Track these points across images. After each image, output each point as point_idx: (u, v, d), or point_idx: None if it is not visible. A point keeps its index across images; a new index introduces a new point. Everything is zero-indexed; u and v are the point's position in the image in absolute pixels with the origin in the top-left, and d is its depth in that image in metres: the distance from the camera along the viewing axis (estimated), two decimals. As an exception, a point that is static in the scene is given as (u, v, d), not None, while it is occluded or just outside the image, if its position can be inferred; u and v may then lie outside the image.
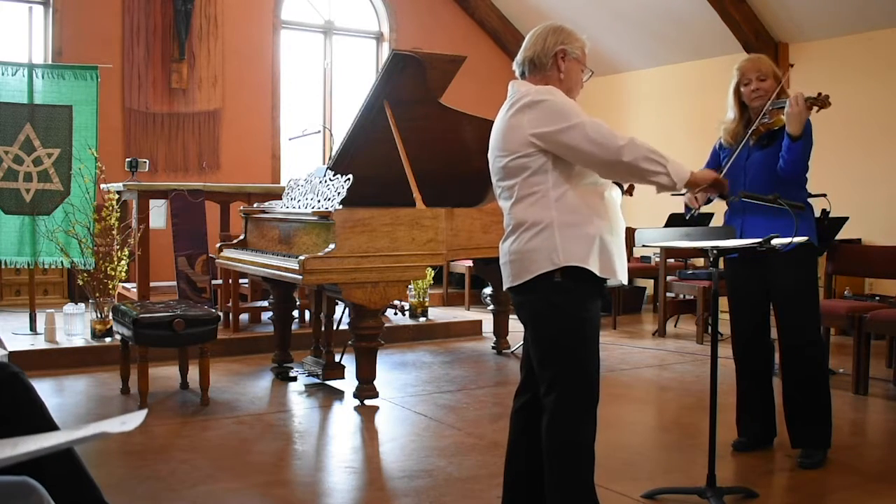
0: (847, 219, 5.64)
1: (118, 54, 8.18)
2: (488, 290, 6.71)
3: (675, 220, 7.20)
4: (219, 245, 5.61)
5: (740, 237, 3.55)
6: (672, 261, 7.68)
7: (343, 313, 5.40)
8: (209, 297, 6.35)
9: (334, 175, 4.84)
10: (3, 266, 6.47)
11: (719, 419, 3.27)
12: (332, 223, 4.51)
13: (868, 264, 5.60)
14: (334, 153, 5.32)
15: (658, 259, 7.61)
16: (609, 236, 2.62)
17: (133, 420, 1.27)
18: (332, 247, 4.48)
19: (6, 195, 5.93)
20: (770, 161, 3.67)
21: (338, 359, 5.09)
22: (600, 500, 2.69)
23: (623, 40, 9.02)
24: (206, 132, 8.64)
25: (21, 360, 5.25)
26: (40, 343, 5.69)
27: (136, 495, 3.24)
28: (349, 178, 4.67)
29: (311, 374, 5.14)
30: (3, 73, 5.91)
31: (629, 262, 7.53)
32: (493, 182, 2.75)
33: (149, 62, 8.34)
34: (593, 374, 2.64)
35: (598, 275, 2.59)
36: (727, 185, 2.96)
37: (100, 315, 5.76)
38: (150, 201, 6.49)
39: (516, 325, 2.99)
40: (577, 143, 2.53)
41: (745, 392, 3.91)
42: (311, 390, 5.04)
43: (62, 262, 6.03)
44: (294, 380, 5.25)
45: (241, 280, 6.40)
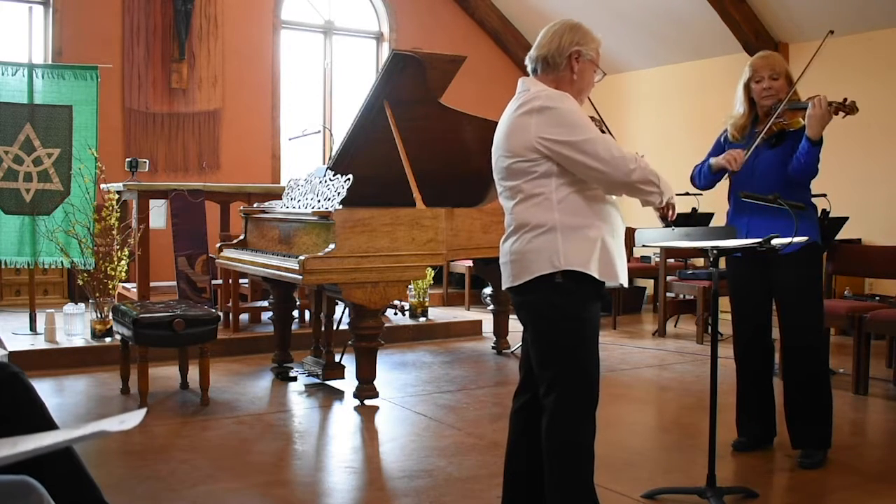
0: (847, 219, 5.63)
1: (118, 54, 8.18)
2: (488, 290, 6.71)
3: (675, 220, 7.18)
4: (219, 245, 5.61)
5: (746, 237, 3.54)
6: (672, 261, 7.68)
7: (343, 313, 5.40)
8: (209, 297, 6.35)
9: (334, 175, 4.84)
10: (3, 266, 6.47)
11: (719, 419, 3.27)
12: (332, 223, 4.51)
13: (868, 264, 5.60)
14: (334, 153, 5.32)
15: (658, 259, 7.61)
16: (611, 239, 2.62)
17: (132, 419, 1.27)
18: (332, 247, 4.48)
19: (6, 195, 5.93)
20: (780, 161, 3.65)
21: (338, 359, 5.09)
22: (600, 500, 2.69)
23: (623, 40, 9.02)
24: (206, 132, 8.64)
25: (21, 360, 5.25)
26: (40, 343, 5.69)
27: (136, 495, 3.24)
28: (349, 178, 4.67)
29: (311, 374, 5.14)
30: (3, 73, 5.91)
31: (629, 262, 7.53)
32: (496, 180, 2.74)
33: (149, 62, 8.34)
34: (593, 374, 2.64)
35: (599, 278, 2.59)
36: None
37: (100, 315, 5.76)
38: (150, 201, 6.49)
39: (516, 325, 2.99)
40: (585, 159, 2.52)
41: (745, 392, 3.90)
42: (311, 390, 5.04)
43: (62, 262, 6.03)
44: (294, 380, 5.25)
45: (241, 280, 6.40)
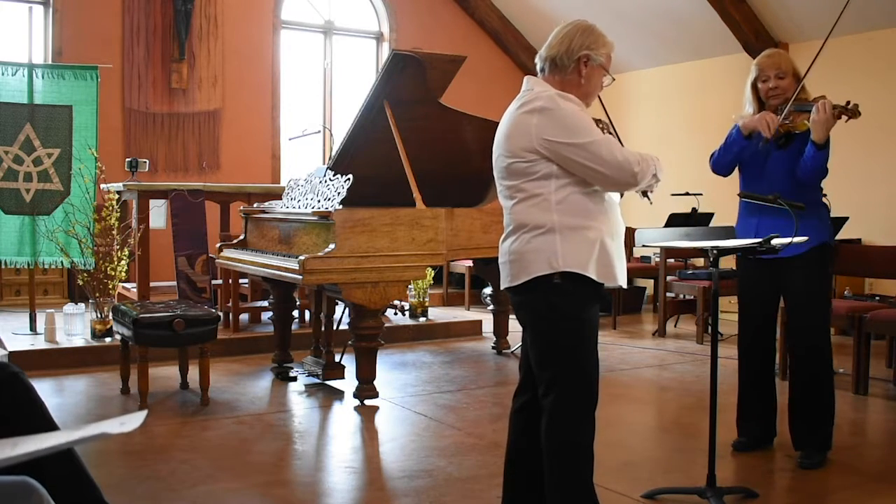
0: (847, 219, 5.64)
1: (118, 54, 8.17)
2: (488, 290, 6.71)
3: (675, 220, 7.20)
4: (219, 245, 5.61)
5: (756, 237, 3.53)
6: (672, 261, 7.68)
7: (343, 313, 5.40)
8: (209, 297, 6.35)
9: (334, 175, 4.84)
10: (3, 266, 6.47)
11: (719, 419, 3.27)
12: (332, 223, 4.51)
13: (868, 264, 5.60)
14: (334, 153, 5.32)
15: (658, 259, 7.61)
16: (609, 240, 2.61)
17: (133, 421, 1.28)
18: (332, 247, 4.48)
19: (6, 195, 5.93)
20: (788, 162, 3.63)
21: (338, 359, 5.09)
22: (600, 500, 2.69)
23: (623, 40, 8.97)
24: (206, 132, 8.64)
25: (21, 360, 5.25)
26: (40, 343, 5.69)
27: (136, 495, 3.24)
28: (349, 178, 4.67)
29: (311, 374, 5.14)
30: (3, 73, 5.91)
31: (629, 262, 7.55)
32: (496, 178, 2.73)
33: (149, 62, 8.34)
34: (592, 374, 2.63)
35: (597, 280, 2.59)
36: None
37: (100, 315, 5.76)
38: (150, 201, 6.49)
39: (516, 325, 2.99)
40: (588, 161, 2.51)
41: (745, 392, 3.90)
42: (311, 390, 5.04)
43: (62, 262, 6.03)
44: (294, 380, 5.25)
45: (241, 280, 6.40)
